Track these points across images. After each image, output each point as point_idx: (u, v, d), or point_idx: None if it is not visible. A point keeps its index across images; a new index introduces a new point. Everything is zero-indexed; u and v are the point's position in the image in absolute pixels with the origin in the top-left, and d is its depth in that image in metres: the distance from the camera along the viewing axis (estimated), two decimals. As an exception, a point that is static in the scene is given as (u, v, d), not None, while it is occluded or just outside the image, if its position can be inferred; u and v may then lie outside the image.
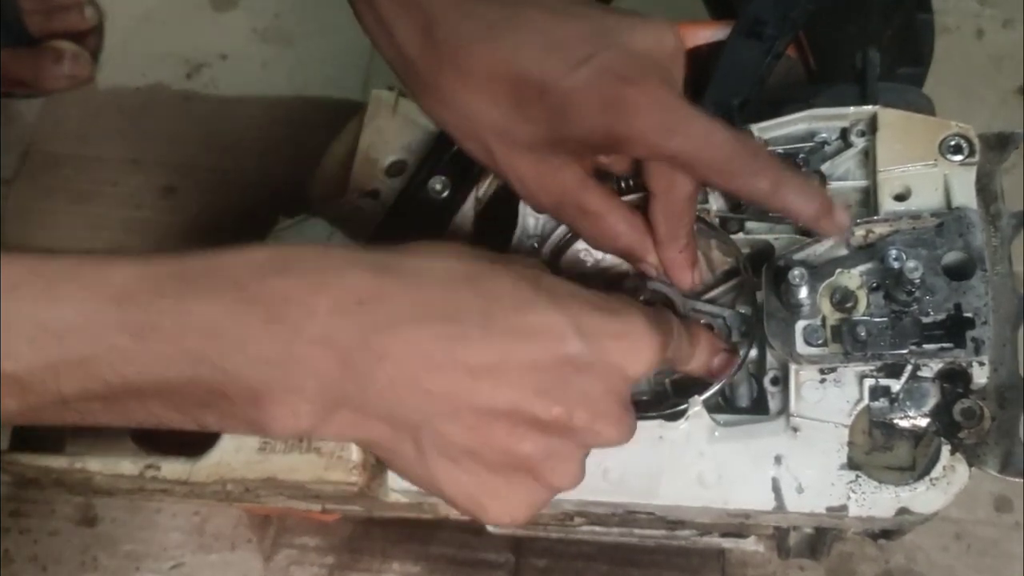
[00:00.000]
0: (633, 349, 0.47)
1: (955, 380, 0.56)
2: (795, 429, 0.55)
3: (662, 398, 0.59)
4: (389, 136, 0.66)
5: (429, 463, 0.46)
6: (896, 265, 0.55)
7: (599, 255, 0.63)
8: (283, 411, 0.43)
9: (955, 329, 0.55)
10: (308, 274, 0.44)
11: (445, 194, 0.63)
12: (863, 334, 0.55)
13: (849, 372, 0.56)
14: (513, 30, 0.52)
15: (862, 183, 0.60)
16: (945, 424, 0.55)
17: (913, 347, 0.55)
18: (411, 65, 0.55)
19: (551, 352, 0.45)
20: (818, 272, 0.57)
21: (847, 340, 0.55)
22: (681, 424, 0.56)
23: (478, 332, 0.44)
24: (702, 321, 0.59)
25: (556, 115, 0.52)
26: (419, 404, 0.44)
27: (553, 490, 0.48)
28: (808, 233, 0.59)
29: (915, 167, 0.59)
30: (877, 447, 0.56)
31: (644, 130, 0.51)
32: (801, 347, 0.56)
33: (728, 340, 0.58)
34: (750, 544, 0.65)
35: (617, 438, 0.48)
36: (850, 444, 0.55)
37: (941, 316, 0.55)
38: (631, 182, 0.59)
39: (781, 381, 0.57)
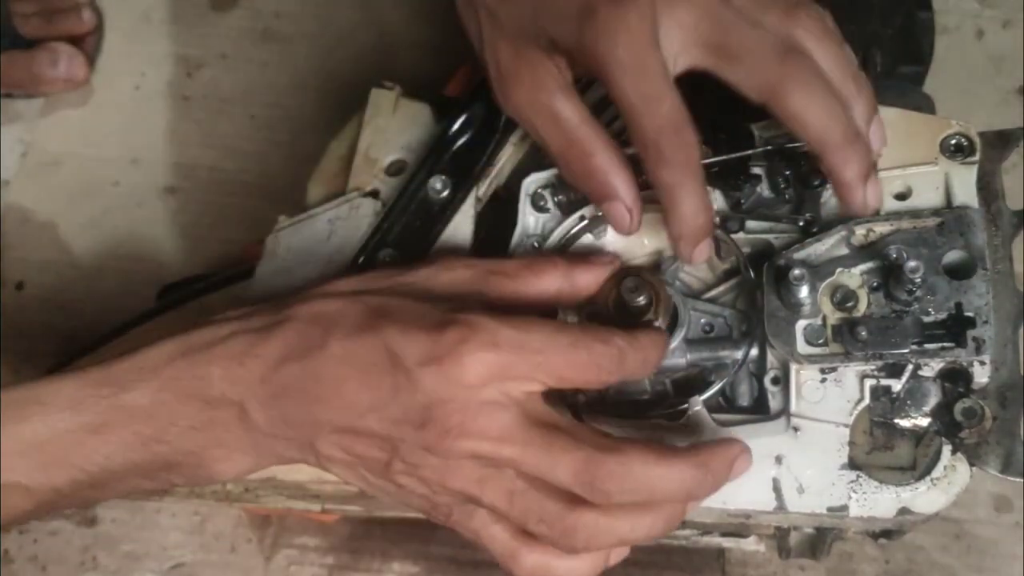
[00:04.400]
0: (450, 365, 0.49)
1: (956, 380, 0.55)
2: (796, 429, 0.55)
3: (663, 398, 0.59)
4: (389, 135, 0.66)
5: (339, 475, 0.54)
6: (897, 264, 0.55)
7: (600, 254, 0.62)
8: (222, 464, 0.53)
9: (956, 328, 0.55)
10: (203, 349, 0.52)
11: (445, 194, 0.63)
12: (864, 334, 0.55)
13: (850, 372, 0.56)
14: None
15: (863, 182, 0.60)
16: (946, 424, 0.55)
17: (914, 347, 0.55)
18: None
19: (375, 377, 0.50)
20: (819, 271, 0.57)
21: (848, 340, 0.55)
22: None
23: (317, 366, 0.51)
24: (702, 320, 0.59)
25: (542, 9, 0.53)
26: (301, 434, 0.52)
27: (418, 481, 0.52)
28: (810, 232, 0.59)
29: (916, 166, 0.59)
30: (878, 447, 0.56)
31: (605, 55, 0.51)
32: (802, 347, 0.56)
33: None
34: (750, 544, 0.65)
35: (477, 437, 0.50)
36: (851, 444, 0.55)
37: (942, 315, 0.55)
38: None
39: (782, 381, 0.57)
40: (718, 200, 0.61)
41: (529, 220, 0.63)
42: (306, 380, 0.51)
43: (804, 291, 0.56)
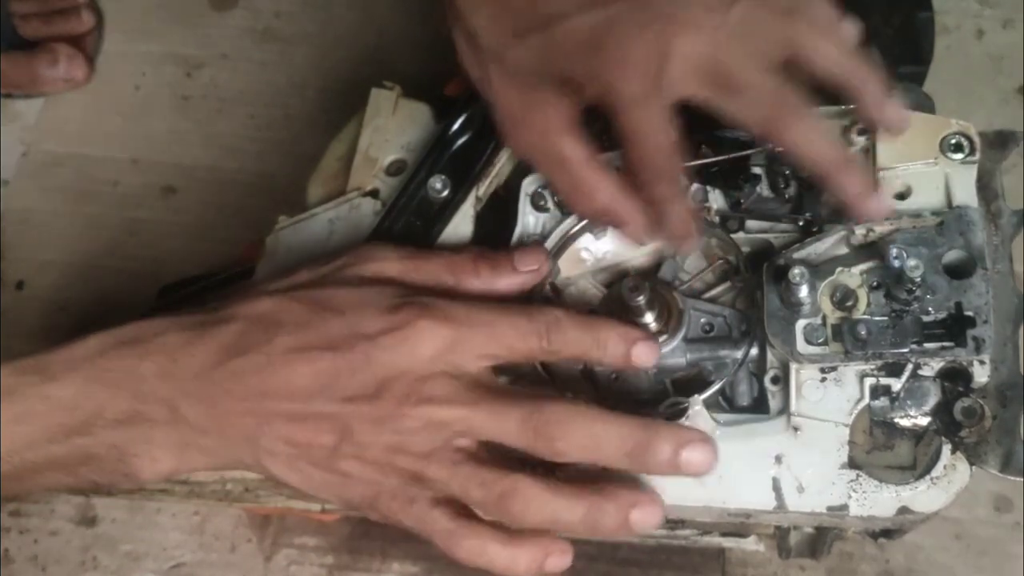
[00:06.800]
0: (406, 338, 0.51)
1: (956, 379, 0.55)
2: (796, 428, 0.55)
3: (662, 397, 0.59)
4: (389, 135, 0.66)
5: (276, 473, 0.53)
6: (897, 264, 0.55)
7: (599, 254, 0.63)
8: (143, 460, 0.53)
9: (956, 328, 0.55)
10: (136, 344, 0.53)
11: (445, 194, 0.63)
12: (864, 333, 0.55)
13: (850, 371, 0.56)
14: None
15: (862, 182, 0.60)
16: (946, 423, 0.55)
17: (914, 346, 0.55)
18: None
19: (327, 360, 0.52)
20: (818, 271, 0.57)
21: (848, 339, 0.55)
22: (682, 423, 0.56)
23: (263, 359, 0.52)
24: (702, 320, 0.59)
25: (551, 47, 0.55)
26: (241, 430, 0.52)
27: (374, 466, 0.52)
28: (809, 232, 0.59)
29: (916, 165, 0.59)
30: (878, 446, 0.56)
31: (612, 87, 0.53)
32: (802, 346, 0.56)
33: (652, 327, 0.58)
34: (750, 543, 0.65)
35: (422, 419, 0.51)
36: (851, 443, 0.55)
37: (942, 315, 0.55)
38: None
39: (781, 380, 0.57)
40: (718, 200, 0.61)
41: (529, 220, 0.63)
42: (251, 374, 0.52)
43: (804, 291, 0.56)
